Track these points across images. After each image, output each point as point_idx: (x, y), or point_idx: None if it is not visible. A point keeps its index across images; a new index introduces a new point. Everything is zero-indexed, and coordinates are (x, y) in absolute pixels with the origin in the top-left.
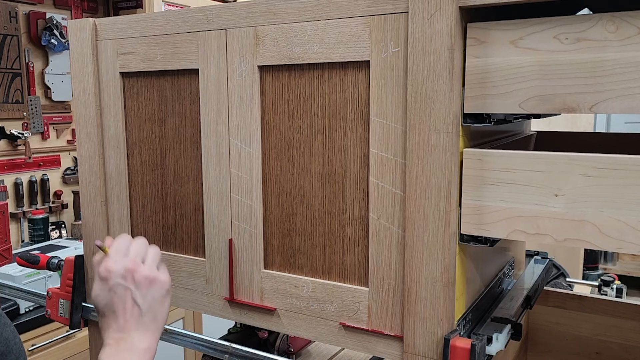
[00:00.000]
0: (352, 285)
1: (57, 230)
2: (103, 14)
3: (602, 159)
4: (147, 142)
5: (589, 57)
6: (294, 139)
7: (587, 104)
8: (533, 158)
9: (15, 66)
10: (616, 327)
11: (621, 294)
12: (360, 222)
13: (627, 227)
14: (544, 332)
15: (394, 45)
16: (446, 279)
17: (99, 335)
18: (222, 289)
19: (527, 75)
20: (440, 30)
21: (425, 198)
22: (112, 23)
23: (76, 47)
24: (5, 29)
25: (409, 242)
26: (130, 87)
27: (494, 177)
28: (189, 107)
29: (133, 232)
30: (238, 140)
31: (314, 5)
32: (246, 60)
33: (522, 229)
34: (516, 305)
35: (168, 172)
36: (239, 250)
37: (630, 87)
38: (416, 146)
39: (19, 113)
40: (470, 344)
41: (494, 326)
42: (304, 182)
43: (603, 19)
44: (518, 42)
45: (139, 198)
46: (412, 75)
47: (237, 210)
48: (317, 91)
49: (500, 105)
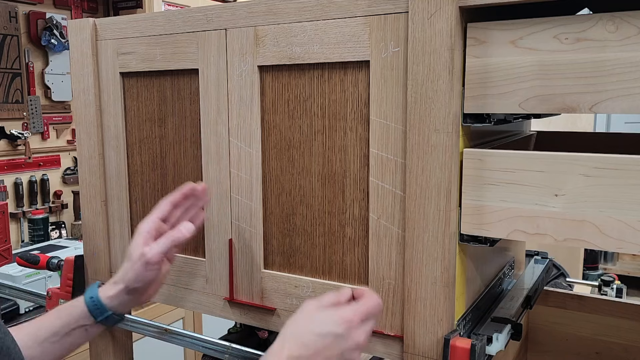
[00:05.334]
0: (352, 285)
1: (57, 230)
2: (103, 14)
3: (602, 159)
4: (147, 142)
5: (589, 57)
6: (294, 139)
7: (587, 104)
8: (533, 158)
9: (15, 66)
10: (616, 327)
11: (621, 294)
12: (360, 222)
13: (627, 227)
14: (544, 332)
15: (394, 45)
16: (446, 279)
17: (99, 335)
18: (222, 289)
19: (527, 75)
20: (440, 30)
21: (425, 198)
22: (112, 23)
23: (76, 47)
24: (5, 29)
25: (409, 242)
26: (130, 87)
27: (494, 177)
28: (189, 107)
29: (133, 232)
30: (238, 140)
31: (314, 5)
32: (246, 60)
33: (522, 229)
34: (516, 305)
35: (168, 172)
36: (239, 250)
37: (630, 87)
38: (416, 146)
39: (19, 113)
40: (470, 344)
41: (494, 326)
42: (304, 182)
43: (603, 19)
44: (518, 42)
45: (139, 198)
46: (412, 75)
47: (237, 210)
48: (317, 91)
49: (500, 105)
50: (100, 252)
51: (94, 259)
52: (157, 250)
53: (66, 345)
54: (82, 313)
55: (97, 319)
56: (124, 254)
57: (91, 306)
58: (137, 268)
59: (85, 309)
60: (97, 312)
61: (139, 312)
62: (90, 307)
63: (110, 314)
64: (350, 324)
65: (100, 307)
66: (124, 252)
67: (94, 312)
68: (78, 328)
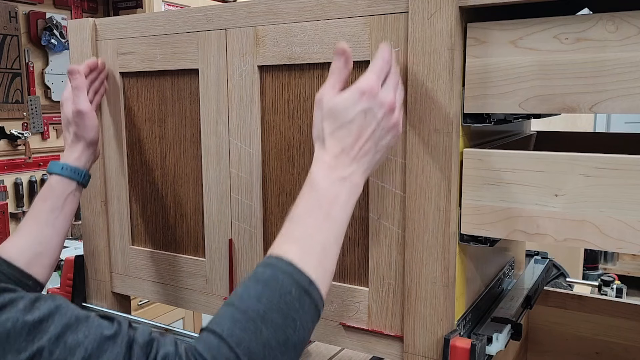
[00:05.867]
0: (352, 285)
1: None
2: (103, 14)
3: (602, 159)
4: (147, 142)
5: (589, 57)
6: (294, 139)
7: (587, 104)
8: (533, 158)
9: (15, 66)
10: (616, 327)
11: (621, 294)
12: (360, 222)
13: (627, 227)
14: (544, 332)
15: (394, 45)
16: (446, 279)
17: None
18: (222, 289)
19: (527, 75)
20: (440, 30)
21: (425, 198)
22: (112, 23)
23: (76, 47)
24: (5, 29)
25: (409, 242)
26: (130, 87)
27: (494, 177)
28: (189, 107)
29: (133, 232)
30: (238, 140)
31: (314, 5)
32: (246, 60)
33: (522, 229)
34: (516, 305)
35: (168, 172)
36: (239, 250)
37: (630, 87)
38: (416, 146)
39: (18, 113)
40: (470, 344)
41: (494, 326)
42: (304, 182)
43: (603, 19)
44: (518, 42)
45: (139, 198)
46: (412, 75)
47: (237, 210)
48: (317, 91)
49: (500, 105)
50: (100, 252)
51: (94, 258)
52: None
53: (68, 215)
54: (62, 184)
55: (79, 180)
56: (124, 253)
57: (67, 173)
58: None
59: (64, 179)
60: (76, 175)
61: (139, 312)
62: (67, 174)
63: (85, 171)
64: (370, 93)
65: (75, 170)
66: (124, 252)
67: (73, 176)
68: (68, 196)
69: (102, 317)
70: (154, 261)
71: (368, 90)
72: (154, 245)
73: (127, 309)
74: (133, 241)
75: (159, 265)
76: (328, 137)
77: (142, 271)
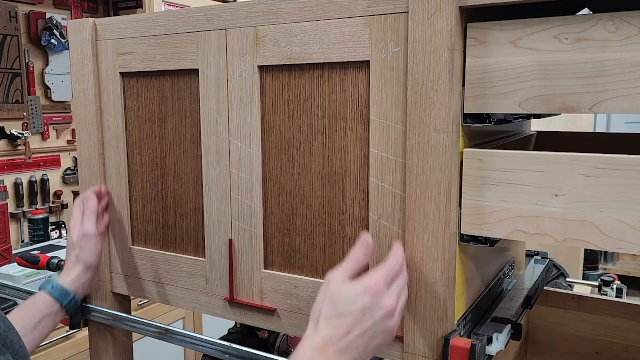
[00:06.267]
0: None
1: (57, 230)
2: (103, 14)
3: (602, 159)
4: (147, 142)
5: (589, 57)
6: (294, 139)
7: (587, 104)
8: (533, 158)
9: (15, 66)
10: (616, 327)
11: (621, 294)
12: (360, 222)
13: (627, 227)
14: (544, 332)
15: (394, 45)
16: (446, 279)
17: (99, 335)
18: (222, 289)
19: (527, 75)
20: (440, 30)
21: (425, 198)
22: (112, 23)
23: (76, 47)
24: (5, 29)
25: (409, 242)
26: (130, 87)
27: (494, 177)
28: (189, 107)
29: (133, 232)
30: (238, 140)
31: (314, 5)
32: (246, 60)
33: (522, 229)
34: (516, 305)
35: (168, 172)
36: (239, 250)
37: (630, 87)
38: (416, 146)
39: (18, 113)
40: (470, 344)
41: (494, 326)
42: (304, 182)
43: (603, 19)
44: (518, 42)
45: (139, 198)
46: (412, 75)
47: (237, 210)
48: (317, 91)
49: (500, 105)
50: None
51: None
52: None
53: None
54: (46, 303)
55: (63, 304)
56: (124, 253)
57: (55, 293)
58: (85, 245)
59: (49, 297)
60: (62, 297)
61: (139, 312)
62: (54, 295)
63: (73, 296)
64: (374, 292)
65: (64, 292)
66: (124, 252)
67: (59, 297)
68: (45, 317)
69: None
70: (154, 261)
71: (374, 288)
72: (154, 245)
73: (127, 309)
74: (133, 241)
75: (159, 265)
76: (323, 320)
77: (142, 271)
